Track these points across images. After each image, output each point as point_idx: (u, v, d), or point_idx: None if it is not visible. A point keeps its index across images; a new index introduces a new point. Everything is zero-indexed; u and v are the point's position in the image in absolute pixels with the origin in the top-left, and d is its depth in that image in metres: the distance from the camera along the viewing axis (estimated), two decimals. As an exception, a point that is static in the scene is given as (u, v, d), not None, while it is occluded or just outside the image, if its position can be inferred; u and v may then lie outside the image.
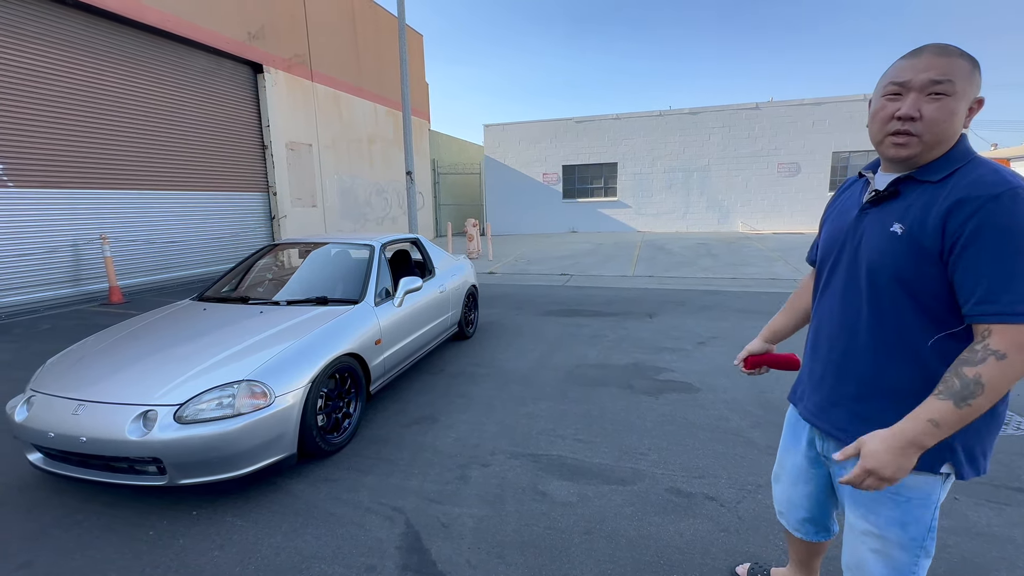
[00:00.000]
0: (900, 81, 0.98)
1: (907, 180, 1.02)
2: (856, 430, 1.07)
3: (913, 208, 0.99)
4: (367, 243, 3.77)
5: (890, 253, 1.00)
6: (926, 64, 0.95)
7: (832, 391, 1.15)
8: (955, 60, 0.94)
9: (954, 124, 0.96)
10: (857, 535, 1.13)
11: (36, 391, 2.38)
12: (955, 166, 0.97)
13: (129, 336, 2.85)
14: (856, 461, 1.00)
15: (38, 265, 6.93)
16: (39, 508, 2.27)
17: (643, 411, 3.18)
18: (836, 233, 1.16)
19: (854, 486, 0.95)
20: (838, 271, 1.14)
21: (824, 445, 1.22)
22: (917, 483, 1.03)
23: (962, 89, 0.94)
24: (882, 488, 0.93)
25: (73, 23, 7.18)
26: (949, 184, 0.95)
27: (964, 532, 1.98)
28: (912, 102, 0.96)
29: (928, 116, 0.95)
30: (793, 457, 1.34)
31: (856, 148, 15.09)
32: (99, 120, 7.55)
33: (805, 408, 1.25)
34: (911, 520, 1.05)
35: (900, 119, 0.97)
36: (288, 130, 10.86)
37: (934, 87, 0.94)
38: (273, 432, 2.30)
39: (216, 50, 9.18)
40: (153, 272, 8.44)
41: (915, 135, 0.97)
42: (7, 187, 6.56)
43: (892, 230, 1.00)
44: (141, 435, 2.09)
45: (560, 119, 17.53)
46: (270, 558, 1.93)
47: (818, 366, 1.19)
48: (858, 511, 1.11)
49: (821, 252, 1.22)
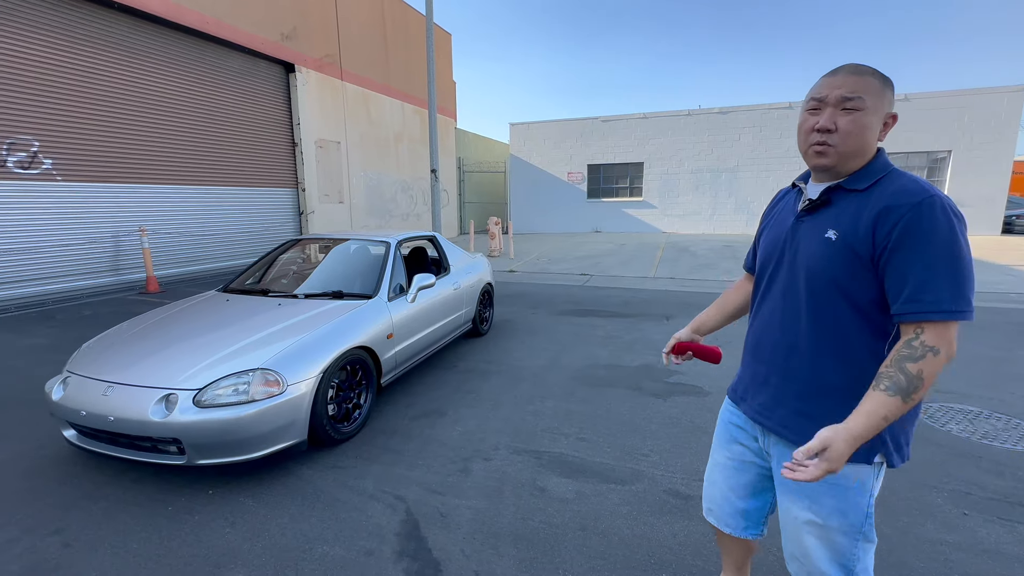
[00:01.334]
0: (819, 97, 1.08)
1: (837, 189, 1.10)
2: (799, 426, 1.15)
3: (844, 215, 1.07)
4: (383, 240, 3.88)
5: (826, 258, 1.07)
6: (840, 82, 1.05)
7: (777, 391, 1.21)
8: (867, 78, 1.04)
9: (866, 136, 1.05)
10: (800, 525, 1.18)
11: (71, 372, 2.56)
12: (877, 176, 1.06)
13: (157, 324, 3.02)
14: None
15: (82, 255, 7.35)
16: (72, 481, 2.44)
17: (649, 413, 3.18)
18: (774, 241, 1.23)
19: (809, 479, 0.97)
20: (778, 277, 1.20)
21: (766, 440, 1.28)
22: (856, 473, 1.10)
23: (873, 105, 1.03)
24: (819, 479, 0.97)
25: (120, 26, 7.57)
26: (875, 193, 1.04)
27: (970, 548, 1.93)
28: (828, 116, 1.06)
29: (842, 128, 1.05)
30: (730, 450, 1.39)
31: (895, 150, 14.53)
32: (141, 118, 7.93)
33: (750, 407, 1.30)
34: (850, 508, 1.12)
35: (818, 131, 1.07)
36: (318, 128, 11.16)
37: (846, 103, 1.04)
38: (285, 419, 2.41)
39: (251, 51, 9.52)
40: (187, 263, 8.82)
41: (831, 145, 1.06)
42: (55, 180, 6.98)
43: (827, 236, 1.08)
44: (163, 416, 2.23)
45: (586, 118, 17.45)
46: (277, 537, 2.03)
47: (762, 368, 1.25)
48: (803, 502, 1.17)
49: (761, 259, 1.28)
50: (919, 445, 2.72)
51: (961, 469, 2.49)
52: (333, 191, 11.79)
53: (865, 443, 1.01)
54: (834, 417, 1.03)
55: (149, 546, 1.99)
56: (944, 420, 3.03)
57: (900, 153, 14.54)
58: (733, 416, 1.39)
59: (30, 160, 6.69)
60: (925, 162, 14.60)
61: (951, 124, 14.05)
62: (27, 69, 6.57)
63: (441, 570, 1.85)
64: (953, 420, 3.03)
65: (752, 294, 1.34)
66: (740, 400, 1.36)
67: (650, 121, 16.72)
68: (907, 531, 2.03)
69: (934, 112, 14.08)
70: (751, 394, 1.30)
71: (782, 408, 1.20)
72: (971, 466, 2.51)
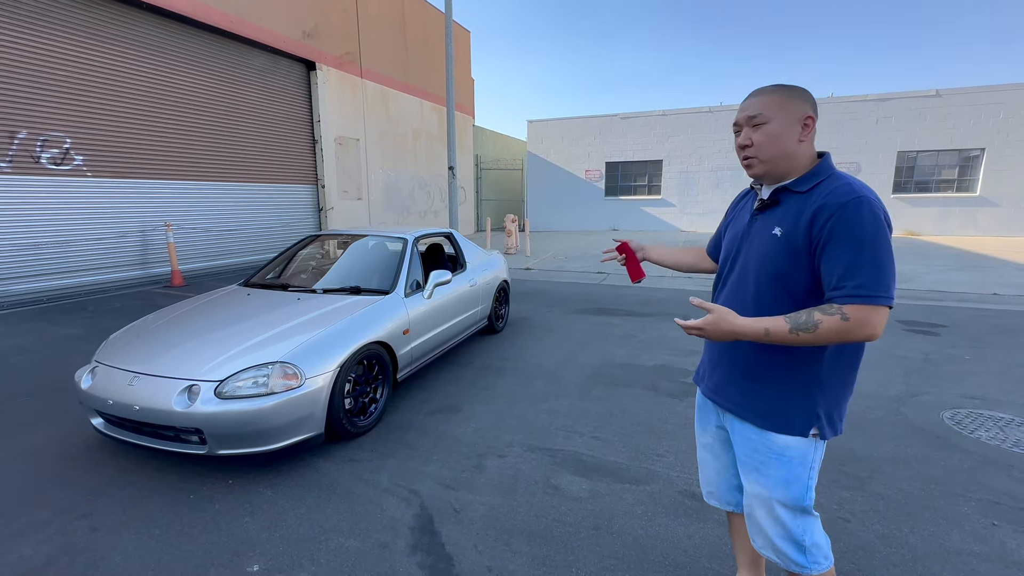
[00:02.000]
0: (736, 121, 1.27)
1: (784, 191, 1.23)
2: (747, 403, 1.30)
3: (789, 214, 1.20)
4: (401, 236, 3.91)
5: (771, 252, 1.21)
6: (746, 105, 1.23)
7: (727, 372, 1.35)
8: (764, 97, 1.20)
9: (781, 143, 1.19)
10: (752, 499, 1.31)
11: (99, 362, 2.64)
12: (818, 179, 1.18)
13: (181, 316, 3.10)
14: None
15: (111, 249, 7.57)
16: (99, 467, 2.52)
17: (665, 413, 3.15)
18: (733, 237, 1.37)
19: (687, 328, 1.19)
20: (734, 270, 1.34)
21: (722, 417, 1.42)
22: (797, 444, 1.23)
23: (776, 116, 1.18)
24: (697, 337, 1.24)
25: (147, 25, 7.75)
26: (814, 194, 1.16)
27: (998, 560, 1.87)
28: (744, 134, 1.24)
29: (756, 142, 1.21)
30: (706, 434, 1.51)
31: (925, 148, 14.09)
32: (166, 116, 8.13)
33: (707, 387, 1.44)
34: (793, 479, 1.24)
35: (741, 147, 1.25)
36: (337, 125, 11.29)
37: (751, 120, 1.21)
38: (303, 411, 2.45)
39: (273, 49, 9.66)
40: (211, 258, 9.02)
41: (754, 157, 1.23)
42: (86, 176, 7.19)
43: (773, 233, 1.21)
44: (185, 407, 2.29)
45: (605, 115, 17.31)
46: (294, 527, 2.07)
47: (716, 350, 1.40)
48: (751, 475, 1.30)
49: (723, 253, 1.42)
50: (946, 452, 2.64)
51: (991, 478, 2.40)
52: (352, 188, 11.92)
53: (799, 419, 1.20)
54: (776, 392, 1.23)
55: (171, 532, 2.04)
56: (973, 427, 2.93)
57: (930, 151, 14.10)
58: (700, 400, 1.53)
59: (62, 156, 6.90)
60: (956, 160, 14.11)
61: (985, 121, 13.55)
62: (59, 68, 6.78)
63: (454, 564, 1.87)
64: (983, 427, 2.93)
65: (713, 285, 1.47)
66: (700, 381, 1.50)
67: (670, 118, 16.51)
68: (933, 540, 1.97)
69: (967, 108, 13.60)
70: (707, 375, 1.45)
71: (731, 387, 1.34)
72: (1001, 475, 2.43)
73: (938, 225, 14.41)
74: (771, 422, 1.24)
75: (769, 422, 1.24)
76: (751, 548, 1.58)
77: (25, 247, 6.62)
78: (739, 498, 1.49)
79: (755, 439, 1.28)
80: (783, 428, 1.23)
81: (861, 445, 2.71)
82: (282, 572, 1.83)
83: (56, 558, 1.90)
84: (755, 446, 1.28)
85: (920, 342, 4.61)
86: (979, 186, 13.90)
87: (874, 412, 3.12)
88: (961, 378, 3.71)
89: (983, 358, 4.16)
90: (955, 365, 4.00)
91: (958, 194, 14.19)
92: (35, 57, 6.54)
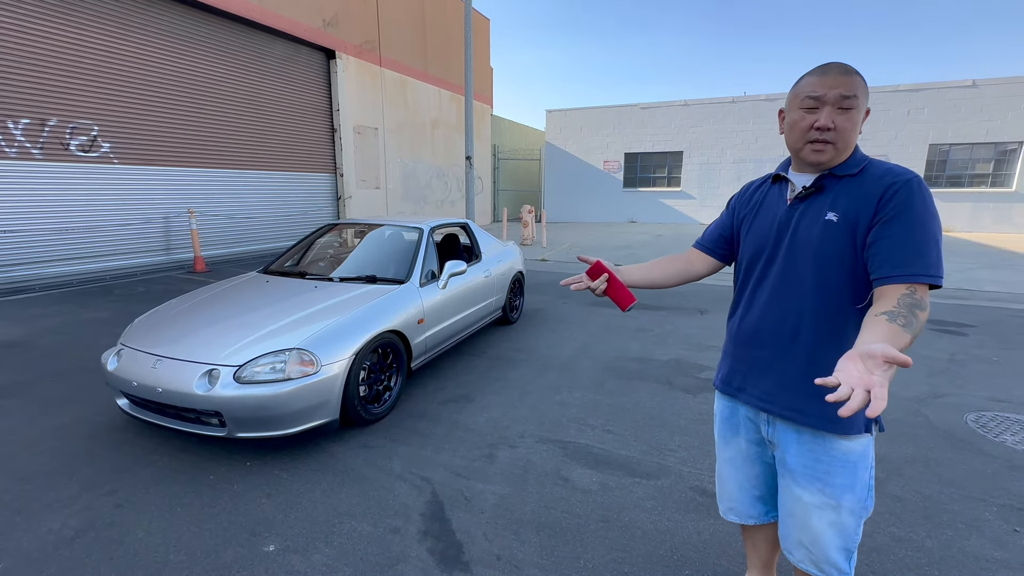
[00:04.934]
0: (816, 96, 1.12)
1: (828, 176, 1.17)
2: (808, 408, 1.18)
3: (840, 198, 1.13)
4: (417, 226, 3.92)
5: (829, 239, 1.13)
6: (836, 82, 1.10)
7: (781, 375, 1.23)
8: (856, 78, 1.10)
9: (855, 132, 1.13)
10: (811, 510, 1.21)
11: (124, 345, 2.72)
12: (863, 163, 1.15)
13: (203, 302, 3.17)
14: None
15: (136, 234, 7.77)
16: (124, 447, 2.61)
17: (678, 408, 3.12)
18: (765, 230, 1.26)
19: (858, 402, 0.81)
20: (775, 263, 1.23)
21: (772, 429, 1.29)
22: (860, 446, 1.17)
23: (862, 103, 1.11)
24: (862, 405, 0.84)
25: (171, 14, 7.87)
26: (866, 175, 1.12)
27: (1019, 567, 1.82)
28: (827, 114, 1.11)
29: (840, 126, 1.11)
30: (735, 446, 1.41)
31: (959, 140, 13.56)
32: (190, 104, 8.26)
33: (752, 396, 1.31)
34: (857, 482, 1.17)
35: (818, 129, 1.12)
36: (356, 114, 11.34)
37: (843, 101, 1.09)
38: (318, 397, 2.50)
39: (294, 37, 9.72)
40: (232, 244, 9.20)
41: (830, 143, 1.12)
42: (113, 163, 7.38)
43: (828, 218, 1.14)
44: (206, 390, 2.35)
45: (625, 105, 17.04)
46: (309, 510, 2.12)
47: (764, 353, 1.26)
48: (815, 486, 1.20)
49: (751, 249, 1.30)
50: (969, 455, 2.57)
51: (1014, 482, 2.34)
52: (370, 177, 11.99)
53: (863, 412, 1.08)
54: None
55: (192, 511, 2.11)
56: (998, 430, 2.85)
57: (964, 144, 13.58)
58: (730, 409, 1.41)
59: (90, 144, 7.08)
60: (992, 154, 13.57)
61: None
62: (87, 57, 6.93)
63: (463, 552, 1.89)
64: (1008, 430, 2.84)
65: (739, 285, 1.37)
66: (738, 391, 1.35)
67: (691, 108, 16.19)
68: (951, 544, 1.93)
69: (1005, 100, 13.04)
70: (751, 382, 1.31)
71: (788, 392, 1.22)
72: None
73: (971, 221, 13.91)
74: (838, 424, 1.15)
75: (836, 424, 1.15)
76: (766, 553, 1.55)
77: (56, 231, 6.84)
78: (760, 509, 1.44)
79: (819, 447, 1.18)
80: (849, 428, 1.15)
81: (879, 446, 2.66)
82: (296, 553, 1.88)
83: (83, 532, 1.98)
84: (818, 455, 1.19)
85: (946, 342, 4.48)
86: (1015, 181, 13.35)
87: (894, 413, 3.05)
88: (987, 380, 3.60)
89: (1012, 359, 4.03)
90: (982, 366, 3.88)
91: (993, 189, 13.67)
92: (65, 46, 6.70)
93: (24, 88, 6.37)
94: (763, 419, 1.31)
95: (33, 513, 2.09)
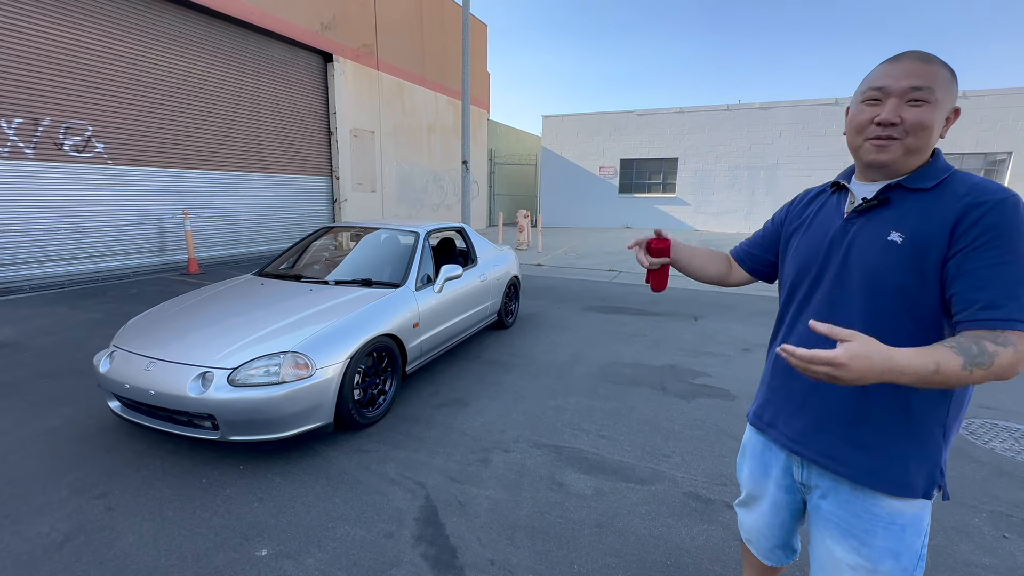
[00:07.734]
0: (879, 86, 0.96)
1: (896, 188, 0.98)
2: (851, 457, 1.01)
3: (909, 216, 0.95)
4: (413, 230, 3.93)
5: (890, 264, 0.94)
6: (906, 70, 0.93)
7: (817, 414, 1.06)
8: (936, 68, 0.92)
9: (933, 133, 0.94)
10: (844, 570, 1.04)
11: (117, 347, 2.71)
12: (943, 175, 0.95)
13: (197, 304, 3.16)
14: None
15: (130, 235, 7.72)
16: (115, 449, 2.59)
17: (673, 414, 3.14)
18: (815, 246, 1.09)
19: (804, 361, 0.81)
20: (821, 285, 1.07)
21: (805, 473, 1.13)
22: (913, 509, 0.99)
23: (941, 98, 0.92)
24: (822, 378, 0.82)
25: (168, 16, 7.85)
26: (945, 191, 0.93)
27: (1007, 572, 1.84)
28: (892, 107, 0.94)
29: (909, 121, 0.93)
30: (764, 487, 1.25)
31: (949, 150, 13.74)
32: (185, 105, 8.24)
33: (782, 434, 1.15)
34: (904, 549, 1.00)
35: (880, 124, 0.95)
36: (353, 117, 11.34)
37: (914, 93, 0.92)
38: (313, 401, 2.49)
39: (292, 40, 9.73)
40: (226, 246, 9.15)
41: (896, 139, 0.95)
42: (107, 164, 7.33)
43: (890, 239, 0.95)
44: (199, 393, 2.34)
45: (621, 111, 17.17)
46: (301, 514, 2.11)
47: (798, 385, 1.09)
48: (848, 543, 1.03)
49: (796, 267, 1.14)
50: (959, 462, 2.60)
51: (1003, 489, 2.37)
52: (366, 180, 11.99)
53: (924, 476, 0.96)
54: (894, 443, 0.96)
55: (183, 515, 2.09)
56: (988, 437, 2.88)
57: (954, 154, 13.76)
58: (763, 445, 1.24)
59: (84, 144, 7.04)
60: (982, 164, 13.77)
61: (1013, 124, 13.20)
62: (83, 57, 6.90)
63: (457, 556, 1.89)
64: (997, 437, 2.88)
65: (781, 308, 1.21)
66: (768, 426, 1.19)
67: (686, 115, 16.32)
68: (940, 551, 1.95)
69: (996, 111, 13.24)
70: (783, 419, 1.14)
71: (826, 433, 1.05)
72: (1015, 486, 2.39)
73: (960, 230, 14.06)
74: (886, 482, 0.98)
75: (883, 482, 0.98)
76: (762, 573, 1.43)
77: (48, 232, 6.78)
78: (781, 556, 1.32)
79: (858, 503, 1.01)
80: (901, 489, 0.97)
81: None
82: (289, 557, 1.87)
83: (73, 535, 1.96)
84: (857, 511, 1.02)
85: (936, 349, 4.52)
86: (1004, 191, 13.54)
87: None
88: (976, 387, 3.64)
89: (1001, 367, 4.07)
90: (972, 374, 3.92)
91: (982, 199, 13.83)
92: (60, 46, 6.66)
93: (18, 87, 6.33)
94: (796, 461, 1.15)
95: (22, 516, 2.07)
